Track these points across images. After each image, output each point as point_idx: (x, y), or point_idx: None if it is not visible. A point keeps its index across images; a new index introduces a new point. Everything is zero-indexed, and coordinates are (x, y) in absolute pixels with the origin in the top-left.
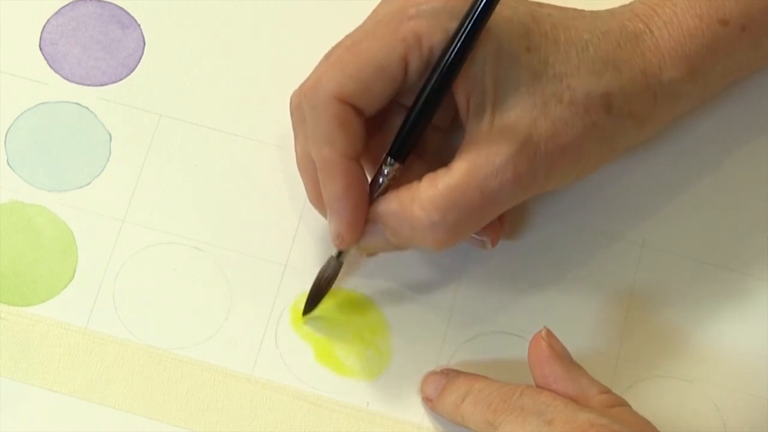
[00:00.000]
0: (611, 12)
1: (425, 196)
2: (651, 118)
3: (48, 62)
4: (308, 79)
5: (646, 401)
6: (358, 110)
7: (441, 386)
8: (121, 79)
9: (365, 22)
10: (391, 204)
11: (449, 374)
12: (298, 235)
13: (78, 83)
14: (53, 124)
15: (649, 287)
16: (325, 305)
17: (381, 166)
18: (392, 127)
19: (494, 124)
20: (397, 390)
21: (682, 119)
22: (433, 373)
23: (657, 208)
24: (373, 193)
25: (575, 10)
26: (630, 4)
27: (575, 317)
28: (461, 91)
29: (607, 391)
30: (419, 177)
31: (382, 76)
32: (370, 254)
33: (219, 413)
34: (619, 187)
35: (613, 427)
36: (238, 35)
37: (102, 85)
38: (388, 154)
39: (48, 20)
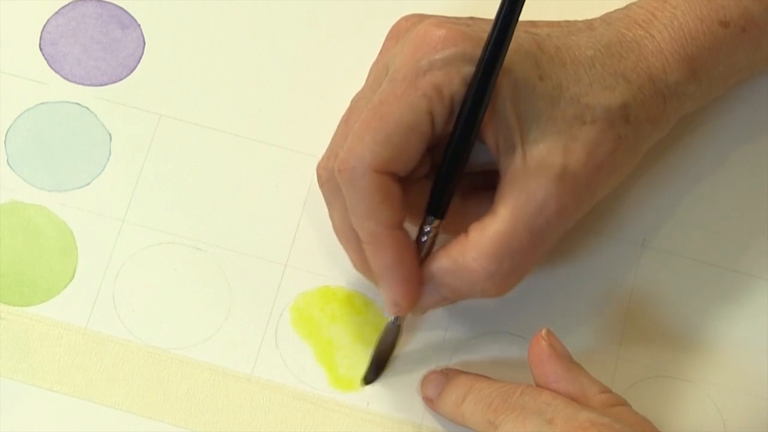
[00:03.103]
0: (606, 21)
1: (477, 248)
2: (664, 120)
3: (48, 62)
4: (334, 149)
5: (646, 401)
6: (395, 176)
7: (441, 386)
8: (121, 79)
9: (374, 79)
10: (443, 262)
11: (449, 374)
12: (298, 235)
13: (78, 83)
14: (53, 124)
15: (649, 287)
16: (326, 306)
17: (422, 225)
18: (420, 176)
19: (527, 159)
20: (397, 390)
21: (681, 119)
22: (434, 372)
23: (657, 208)
24: (419, 253)
25: (568, 23)
26: (625, 8)
27: (575, 317)
28: (489, 132)
29: (607, 390)
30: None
31: (413, 135)
32: (422, 313)
33: (219, 413)
34: (619, 187)
35: (614, 426)
36: (238, 35)
37: (102, 85)
38: (427, 213)
39: (48, 20)
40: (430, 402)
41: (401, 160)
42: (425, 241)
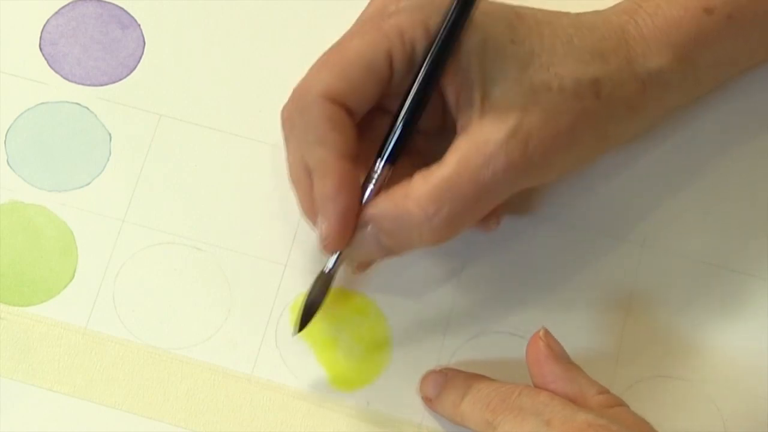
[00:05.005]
0: (596, 11)
1: (419, 192)
2: (642, 106)
3: (48, 62)
4: (297, 85)
5: (646, 401)
6: (348, 110)
7: (440, 386)
8: (121, 79)
9: (352, 26)
10: (384, 204)
11: (449, 374)
12: (298, 235)
13: (78, 83)
14: (53, 124)
15: (649, 287)
16: (326, 306)
17: (371, 169)
18: (376, 131)
19: (484, 114)
20: (397, 390)
21: (681, 118)
22: (433, 372)
23: (657, 208)
24: (364, 197)
25: (560, 11)
26: (616, 4)
27: (575, 317)
28: (450, 86)
29: (605, 391)
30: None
31: (369, 73)
32: (363, 267)
33: (219, 413)
34: (619, 187)
35: (612, 427)
36: (238, 35)
37: (102, 85)
38: (378, 157)
39: (48, 20)
40: (429, 402)
41: (354, 95)
42: (373, 185)
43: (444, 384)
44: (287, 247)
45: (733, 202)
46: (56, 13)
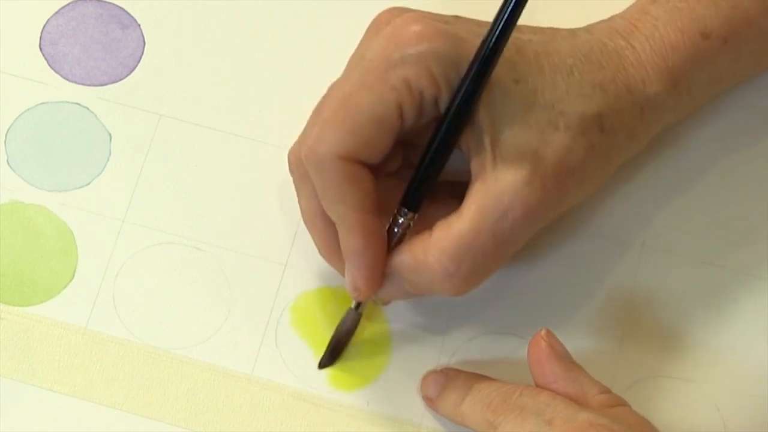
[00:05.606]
0: (588, 30)
1: (438, 246)
2: (640, 131)
3: (48, 62)
4: (305, 136)
5: (646, 401)
6: (363, 164)
7: (441, 386)
8: (121, 79)
9: (350, 69)
10: (405, 257)
11: (449, 374)
12: (298, 235)
13: (78, 83)
14: (53, 124)
15: (649, 287)
16: (326, 306)
17: (395, 215)
18: (391, 170)
19: (497, 162)
20: (397, 390)
21: (681, 121)
22: (433, 372)
23: (657, 209)
24: (390, 243)
25: (552, 30)
26: (608, 20)
27: (575, 317)
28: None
29: (606, 390)
30: (434, 220)
31: (380, 127)
32: (386, 303)
33: (219, 413)
34: (618, 187)
35: (613, 427)
36: (238, 35)
37: (102, 85)
38: (401, 204)
39: (48, 20)
40: (430, 402)
41: (368, 150)
42: (397, 232)
43: (445, 384)
44: (287, 247)
45: (732, 203)
46: (56, 13)
